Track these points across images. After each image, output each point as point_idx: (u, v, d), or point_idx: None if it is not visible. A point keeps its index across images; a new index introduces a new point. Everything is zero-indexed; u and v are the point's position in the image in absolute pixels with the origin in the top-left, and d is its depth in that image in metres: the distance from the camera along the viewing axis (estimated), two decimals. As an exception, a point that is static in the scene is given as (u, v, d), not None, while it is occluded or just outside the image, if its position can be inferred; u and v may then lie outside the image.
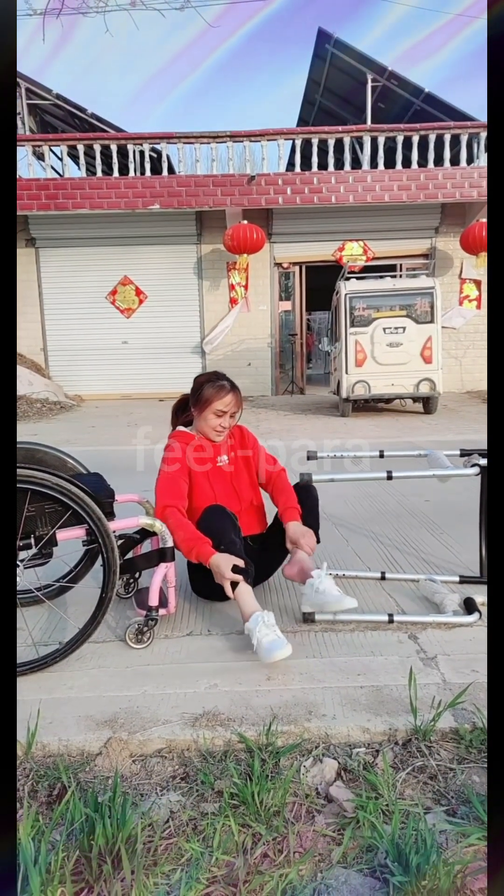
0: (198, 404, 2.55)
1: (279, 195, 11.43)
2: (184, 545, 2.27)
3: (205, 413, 2.53)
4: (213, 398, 2.51)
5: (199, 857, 1.33)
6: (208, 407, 2.52)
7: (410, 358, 8.99)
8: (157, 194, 11.35)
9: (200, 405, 2.54)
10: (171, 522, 2.31)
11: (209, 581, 2.49)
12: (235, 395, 2.55)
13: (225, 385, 2.54)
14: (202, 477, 2.55)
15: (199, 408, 2.56)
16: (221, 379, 2.58)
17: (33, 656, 2.10)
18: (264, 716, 1.79)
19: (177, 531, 2.29)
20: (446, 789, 1.54)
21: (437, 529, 3.57)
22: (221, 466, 2.62)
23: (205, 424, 2.56)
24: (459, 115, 12.64)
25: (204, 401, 2.52)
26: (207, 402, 2.51)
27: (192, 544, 2.24)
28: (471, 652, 2.13)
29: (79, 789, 1.53)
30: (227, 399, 2.51)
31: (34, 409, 10.39)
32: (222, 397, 2.51)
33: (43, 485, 1.99)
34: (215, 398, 2.51)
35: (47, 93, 13.12)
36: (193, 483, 2.52)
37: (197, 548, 2.23)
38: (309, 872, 1.30)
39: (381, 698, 1.87)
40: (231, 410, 2.55)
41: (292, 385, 13.25)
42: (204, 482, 2.55)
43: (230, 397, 2.52)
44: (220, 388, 2.52)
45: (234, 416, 2.59)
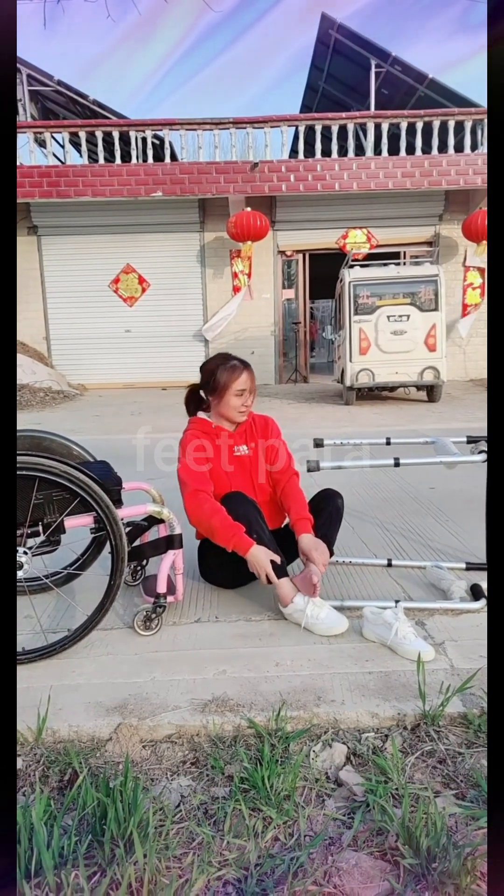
0: (216, 391, 2.52)
1: (282, 182, 11.35)
2: (221, 533, 2.27)
3: (226, 397, 2.50)
4: (229, 381, 2.48)
5: (210, 841, 1.33)
6: (227, 390, 2.49)
7: (414, 346, 8.96)
8: (160, 182, 11.28)
9: (219, 391, 2.50)
10: (207, 508, 2.30)
11: (221, 568, 2.50)
12: (249, 372, 2.53)
13: (237, 364, 2.51)
14: (218, 465, 2.53)
15: (217, 394, 2.52)
16: (231, 359, 2.55)
17: (42, 643, 2.11)
18: (273, 701, 1.80)
19: (213, 517, 2.28)
20: (455, 773, 1.55)
21: (443, 516, 3.57)
22: (240, 456, 2.59)
23: (227, 407, 2.52)
24: (463, 102, 12.53)
25: (221, 385, 2.49)
26: (225, 386, 2.49)
27: (231, 532, 2.25)
28: (478, 638, 2.13)
29: (90, 774, 1.54)
30: (243, 377, 2.49)
31: (37, 397, 10.38)
32: (238, 376, 2.48)
33: (51, 472, 1.99)
34: (232, 380, 2.48)
35: (49, 79, 13.02)
36: (210, 472, 2.51)
37: (236, 537, 2.25)
38: (320, 855, 1.31)
39: (390, 684, 1.88)
40: (250, 387, 2.53)
41: (296, 373, 13.22)
42: (220, 471, 2.53)
43: (245, 375, 2.50)
44: (233, 368, 2.49)
45: (252, 391, 2.57)
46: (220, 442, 2.56)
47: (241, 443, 2.60)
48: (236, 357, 2.57)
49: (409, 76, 13.19)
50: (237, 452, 2.58)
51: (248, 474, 2.59)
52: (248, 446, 2.61)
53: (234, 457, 2.58)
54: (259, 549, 2.25)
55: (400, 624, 2.07)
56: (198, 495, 2.33)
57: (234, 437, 2.58)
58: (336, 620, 2.23)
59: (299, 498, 2.52)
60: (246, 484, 2.56)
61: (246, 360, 2.58)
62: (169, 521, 2.34)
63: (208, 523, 2.29)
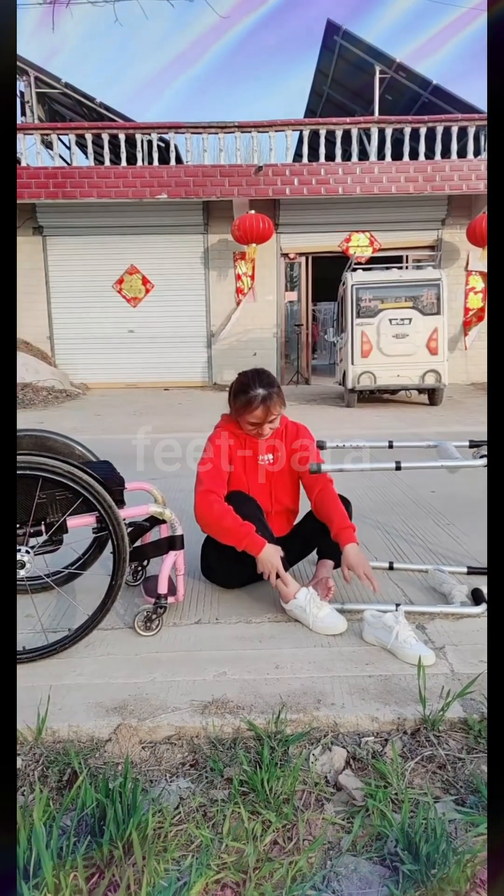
0: (233, 410, 2.49)
1: (286, 186, 11.37)
2: (234, 533, 2.27)
3: (240, 422, 2.49)
4: (242, 412, 2.43)
5: (209, 844, 1.33)
6: (240, 418, 2.47)
7: (416, 349, 8.97)
8: (165, 184, 11.31)
9: (235, 412, 2.49)
10: (217, 509, 2.30)
11: (221, 567, 2.51)
12: (266, 407, 2.39)
13: (254, 399, 2.38)
14: (239, 469, 2.53)
15: (234, 413, 2.50)
16: (255, 387, 2.40)
17: (43, 642, 2.11)
18: (273, 704, 1.79)
19: (224, 518, 2.28)
20: (455, 779, 1.54)
21: (444, 520, 3.57)
22: (263, 465, 2.56)
23: (245, 430, 2.50)
24: (467, 108, 12.56)
25: (235, 410, 2.48)
26: (238, 414, 2.47)
27: (244, 532, 2.26)
28: (479, 642, 2.13)
29: (89, 775, 1.54)
30: (257, 413, 2.40)
31: (40, 396, 10.38)
32: (251, 411, 2.40)
33: (54, 472, 1.98)
34: (244, 412, 2.42)
35: (56, 81, 13.06)
36: (230, 474, 2.51)
37: (248, 537, 2.26)
38: (318, 860, 1.30)
39: (390, 688, 1.87)
40: (267, 419, 2.43)
41: (297, 375, 13.24)
42: (241, 475, 2.53)
43: (260, 411, 2.39)
44: (247, 402, 2.40)
45: (274, 421, 2.46)
46: (247, 447, 2.54)
47: (268, 451, 2.57)
48: (265, 384, 2.42)
49: (413, 82, 13.22)
50: (262, 461, 2.56)
51: (269, 483, 2.58)
52: (274, 455, 2.58)
53: (257, 465, 2.56)
54: (270, 547, 2.27)
55: (400, 628, 2.06)
56: (209, 496, 2.33)
57: (261, 444, 2.56)
58: (336, 621, 2.23)
59: (338, 507, 2.44)
60: (264, 493, 2.56)
61: (272, 380, 2.45)
62: (171, 522, 2.34)
63: (219, 524, 2.30)
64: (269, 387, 2.42)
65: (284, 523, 2.66)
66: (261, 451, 2.56)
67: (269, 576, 2.28)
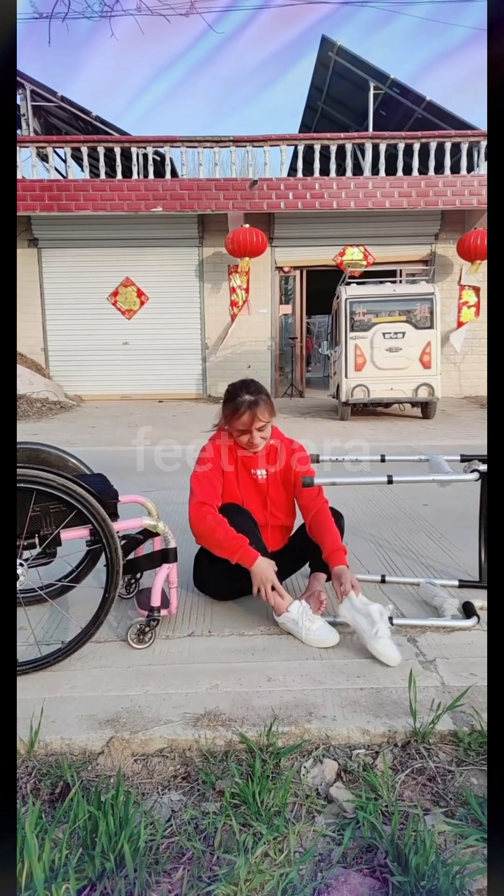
0: (223, 419, 2.52)
1: (281, 200, 11.46)
2: (227, 545, 2.28)
3: (232, 432, 2.51)
4: (231, 419, 2.46)
5: (200, 856, 1.34)
6: (230, 426, 2.49)
7: (410, 363, 9.04)
8: (160, 197, 11.39)
9: (225, 420, 2.51)
10: (210, 520, 2.31)
11: (213, 578, 2.52)
12: (252, 412, 2.41)
13: (241, 405, 2.42)
14: (232, 482, 2.54)
15: (224, 421, 2.52)
16: (242, 394, 2.45)
17: (35, 655, 2.11)
18: (265, 716, 1.80)
19: (217, 530, 2.29)
20: (445, 791, 1.55)
21: (436, 534, 3.59)
22: (256, 478, 2.57)
23: (237, 440, 2.52)
24: (460, 124, 12.73)
25: (225, 418, 2.50)
26: (228, 422, 2.49)
27: (237, 544, 2.27)
28: (469, 655, 2.15)
29: (82, 787, 1.54)
30: (244, 419, 2.42)
31: (34, 408, 10.39)
32: (239, 417, 2.43)
33: (48, 485, 2.00)
34: (233, 419, 2.45)
35: (52, 95, 13.17)
36: (224, 487, 2.52)
37: (241, 549, 2.27)
38: (309, 872, 1.31)
39: (381, 700, 1.89)
40: (254, 425, 2.45)
41: (291, 388, 13.29)
42: (234, 488, 2.54)
43: (247, 417, 2.42)
44: (234, 408, 2.44)
45: (263, 428, 2.48)
46: (239, 462, 2.56)
47: (261, 466, 2.58)
48: (251, 391, 2.47)
49: (407, 98, 13.38)
50: (255, 475, 2.57)
51: (263, 498, 2.59)
52: (267, 471, 2.59)
53: (251, 479, 2.57)
54: (264, 560, 2.29)
55: (382, 624, 2.13)
56: (202, 508, 2.35)
57: (254, 459, 2.57)
58: (328, 634, 2.25)
59: (332, 529, 2.45)
60: (257, 506, 2.57)
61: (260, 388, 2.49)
62: (164, 535, 2.35)
63: (212, 536, 2.31)
64: (257, 394, 2.46)
65: (279, 538, 2.68)
66: (255, 466, 2.57)
67: (261, 590, 2.28)
